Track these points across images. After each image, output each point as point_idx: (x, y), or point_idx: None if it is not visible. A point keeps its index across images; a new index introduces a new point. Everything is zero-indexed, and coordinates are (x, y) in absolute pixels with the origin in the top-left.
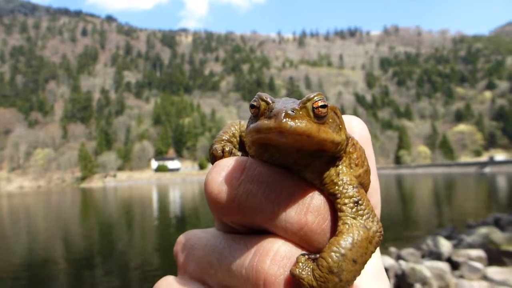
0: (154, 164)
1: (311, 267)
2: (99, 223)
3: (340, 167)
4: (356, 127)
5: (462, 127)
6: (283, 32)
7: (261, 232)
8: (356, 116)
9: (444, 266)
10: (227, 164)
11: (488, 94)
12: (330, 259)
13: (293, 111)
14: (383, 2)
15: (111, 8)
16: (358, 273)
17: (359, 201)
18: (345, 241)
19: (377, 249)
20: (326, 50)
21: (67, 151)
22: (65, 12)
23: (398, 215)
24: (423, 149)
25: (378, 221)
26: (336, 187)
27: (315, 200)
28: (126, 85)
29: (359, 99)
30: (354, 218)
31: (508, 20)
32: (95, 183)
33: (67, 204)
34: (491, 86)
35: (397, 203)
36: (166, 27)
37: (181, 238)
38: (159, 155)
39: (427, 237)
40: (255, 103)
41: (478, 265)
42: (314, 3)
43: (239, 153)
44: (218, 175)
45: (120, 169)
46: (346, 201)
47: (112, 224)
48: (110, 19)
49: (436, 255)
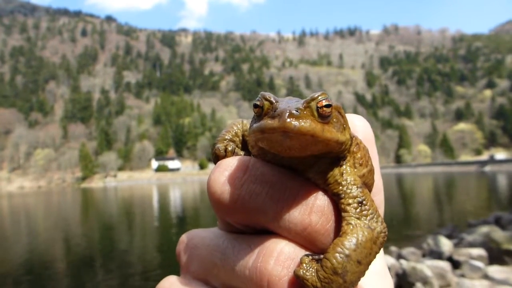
0: (155, 164)
1: (315, 268)
2: (100, 223)
3: (344, 167)
4: (359, 126)
5: (462, 126)
6: (283, 31)
7: (264, 232)
8: (360, 115)
9: (445, 265)
10: (230, 164)
11: (488, 93)
12: (334, 260)
13: (297, 111)
14: (382, 1)
15: (110, 8)
16: (362, 274)
17: (363, 201)
18: (350, 242)
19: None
20: (326, 50)
21: (67, 151)
22: (65, 12)
23: (399, 214)
24: (423, 148)
25: (382, 222)
26: (340, 187)
27: (319, 201)
28: (126, 85)
29: (359, 98)
30: (358, 219)
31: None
32: (96, 183)
33: (67, 204)
34: (491, 85)
35: (398, 202)
36: (165, 27)
37: (183, 237)
38: (160, 155)
39: (428, 236)
40: (258, 103)
41: (479, 264)
42: (314, 3)
43: (241, 152)
44: (221, 175)
45: (121, 169)
46: (350, 201)
47: (112, 224)
48: (109, 19)
49: (437, 254)
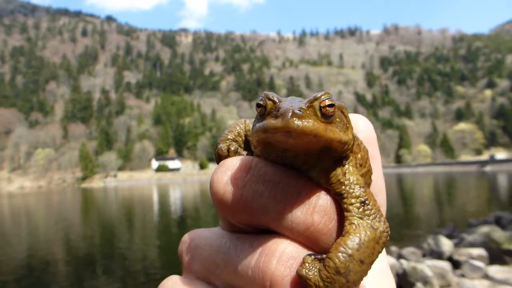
0: (155, 164)
1: (317, 267)
2: (100, 223)
3: (347, 166)
4: (362, 127)
5: (462, 125)
6: (283, 31)
7: (266, 231)
8: (362, 116)
9: (445, 265)
10: (233, 163)
11: (488, 93)
12: (337, 260)
13: (300, 110)
14: (383, 1)
15: (110, 9)
16: (365, 273)
17: (366, 201)
18: (352, 241)
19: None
20: (326, 50)
21: (67, 151)
22: (65, 12)
23: (399, 214)
24: (424, 148)
25: (385, 221)
26: (343, 186)
27: (321, 200)
28: (126, 85)
29: (360, 98)
30: (361, 218)
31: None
32: (96, 183)
33: (68, 204)
34: (491, 85)
35: (398, 202)
36: (166, 27)
37: (186, 237)
38: (160, 155)
39: (428, 236)
40: (261, 102)
41: (480, 264)
42: (314, 3)
43: (244, 152)
44: (224, 175)
45: (121, 169)
46: (353, 201)
47: (113, 224)
48: (110, 19)
49: (437, 254)
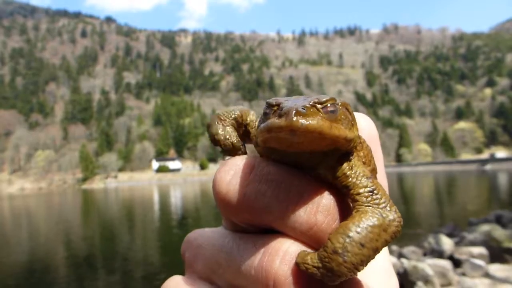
0: (155, 164)
1: (316, 253)
2: (101, 224)
3: (353, 161)
4: (364, 125)
5: (462, 124)
6: (283, 31)
7: (270, 231)
8: (365, 115)
9: (446, 263)
10: (236, 163)
11: (488, 91)
12: (335, 240)
13: (303, 109)
14: (382, 0)
15: (110, 9)
16: (366, 258)
17: (374, 191)
18: (354, 224)
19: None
20: (326, 49)
21: (67, 152)
22: (64, 13)
23: (400, 213)
24: (424, 147)
25: (396, 211)
26: (350, 179)
27: (325, 200)
28: (126, 86)
29: (359, 97)
30: (370, 207)
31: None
32: (96, 184)
33: (68, 206)
34: (491, 83)
35: (398, 201)
36: (165, 28)
37: (188, 237)
38: (160, 155)
39: (428, 235)
40: (268, 111)
41: (480, 262)
42: (313, 2)
43: (240, 143)
44: (227, 174)
45: (121, 170)
46: (361, 191)
47: (114, 225)
48: (109, 20)
49: (437, 253)
